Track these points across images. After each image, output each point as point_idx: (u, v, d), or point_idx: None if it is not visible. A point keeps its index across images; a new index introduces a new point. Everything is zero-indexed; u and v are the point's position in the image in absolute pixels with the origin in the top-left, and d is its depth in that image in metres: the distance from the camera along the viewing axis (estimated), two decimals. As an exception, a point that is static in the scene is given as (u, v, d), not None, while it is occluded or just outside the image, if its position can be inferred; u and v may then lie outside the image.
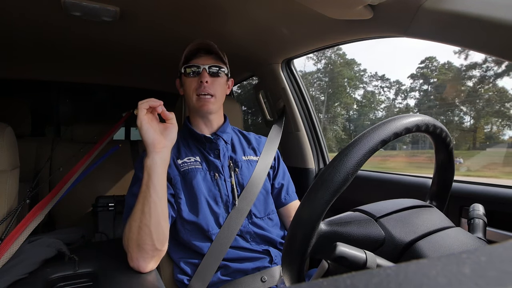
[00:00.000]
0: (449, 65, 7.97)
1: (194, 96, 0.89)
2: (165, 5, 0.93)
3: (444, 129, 0.51)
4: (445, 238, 0.45)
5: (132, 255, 0.72)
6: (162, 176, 0.73)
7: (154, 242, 0.71)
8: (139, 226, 0.70)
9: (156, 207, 0.71)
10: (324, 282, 0.13)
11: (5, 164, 0.85)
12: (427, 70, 8.54)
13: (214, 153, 0.92)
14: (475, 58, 7.92)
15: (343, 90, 9.94)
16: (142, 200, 0.71)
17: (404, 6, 0.71)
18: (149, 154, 0.72)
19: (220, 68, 0.91)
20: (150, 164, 0.71)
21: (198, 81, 0.89)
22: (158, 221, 0.72)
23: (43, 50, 1.34)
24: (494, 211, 0.76)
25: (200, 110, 0.90)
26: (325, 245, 0.43)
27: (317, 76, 12.13)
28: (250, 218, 0.89)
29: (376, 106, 10.51)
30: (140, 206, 0.71)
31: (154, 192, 0.71)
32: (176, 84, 0.99)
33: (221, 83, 0.92)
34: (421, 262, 0.14)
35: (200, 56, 0.90)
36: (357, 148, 0.41)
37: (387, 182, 1.11)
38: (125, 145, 1.78)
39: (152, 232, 0.71)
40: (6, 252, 0.73)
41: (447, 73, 8.90)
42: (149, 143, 0.72)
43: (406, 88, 9.25)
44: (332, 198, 0.41)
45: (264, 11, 0.94)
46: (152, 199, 0.71)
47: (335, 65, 9.80)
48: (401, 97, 9.63)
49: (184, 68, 0.90)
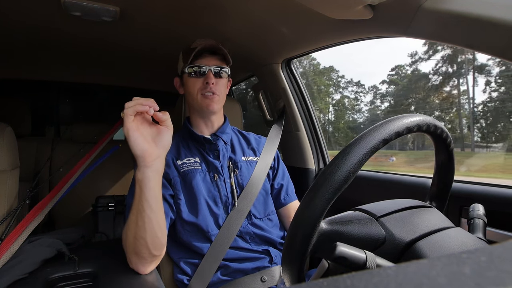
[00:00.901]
0: (413, 72, 8.47)
1: (199, 96, 0.89)
2: (165, 5, 0.93)
3: (445, 129, 0.51)
4: (445, 238, 0.45)
5: (131, 259, 0.72)
6: (155, 189, 0.67)
7: (151, 251, 0.69)
8: (134, 237, 0.68)
9: (151, 221, 0.67)
10: (324, 282, 0.13)
11: (5, 164, 0.85)
12: (397, 76, 8.98)
13: (214, 154, 0.92)
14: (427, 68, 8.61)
15: (317, 96, 10.23)
16: (135, 213, 0.67)
17: (404, 6, 0.71)
18: (139, 168, 0.65)
19: (223, 69, 0.91)
20: (141, 179, 0.64)
21: (203, 82, 0.88)
22: (153, 233, 0.68)
23: (43, 50, 1.34)
24: (494, 211, 0.76)
25: (205, 109, 0.89)
26: (325, 244, 0.43)
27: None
28: (250, 219, 0.89)
29: (347, 111, 10.84)
30: (134, 218, 0.67)
31: (148, 207, 0.66)
32: (175, 83, 0.98)
33: (224, 83, 0.93)
34: (421, 262, 0.14)
35: (205, 57, 0.89)
36: (358, 146, 0.41)
37: (387, 182, 1.11)
38: (125, 145, 1.77)
39: (148, 243, 0.68)
40: (6, 252, 0.73)
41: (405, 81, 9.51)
42: (138, 155, 0.63)
43: (380, 92, 9.72)
44: (333, 197, 0.41)
45: (264, 11, 0.94)
46: (146, 214, 0.66)
47: (309, 74, 10.11)
48: (374, 102, 10.02)
49: (188, 68, 0.89)
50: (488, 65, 5.77)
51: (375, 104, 9.89)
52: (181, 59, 0.94)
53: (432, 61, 7.68)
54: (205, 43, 0.88)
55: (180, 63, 0.94)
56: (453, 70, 7.32)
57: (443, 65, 7.51)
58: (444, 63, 7.54)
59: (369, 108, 10.07)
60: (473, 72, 6.20)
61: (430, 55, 7.30)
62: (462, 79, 7.49)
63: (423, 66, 8.42)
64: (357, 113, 10.15)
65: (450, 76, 7.37)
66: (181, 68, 0.93)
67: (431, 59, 7.67)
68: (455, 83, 7.40)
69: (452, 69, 7.30)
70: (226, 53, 0.89)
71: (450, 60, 7.27)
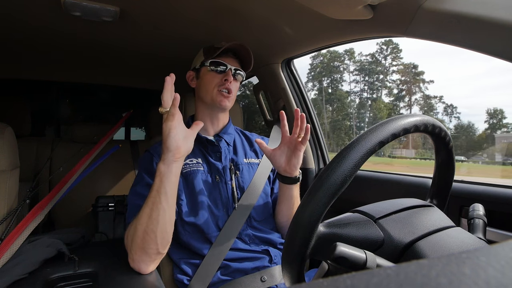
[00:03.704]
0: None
1: (215, 91, 0.90)
2: (165, 5, 0.93)
3: (443, 128, 0.51)
4: (445, 238, 0.45)
5: (134, 257, 0.72)
6: (175, 184, 0.71)
7: (158, 247, 0.71)
8: (144, 231, 0.69)
9: (165, 214, 0.70)
10: (324, 282, 0.13)
11: (5, 164, 0.85)
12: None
13: (216, 156, 0.92)
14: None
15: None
16: (150, 205, 0.69)
17: (404, 6, 0.71)
18: (165, 160, 0.69)
19: (241, 72, 0.95)
20: (164, 172, 0.69)
21: (222, 78, 0.91)
22: (164, 227, 0.70)
23: (43, 50, 1.34)
24: (494, 211, 0.76)
25: (218, 104, 0.91)
26: (324, 246, 0.43)
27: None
28: (250, 221, 0.89)
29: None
30: (148, 210, 0.69)
31: (165, 200, 0.69)
32: (188, 76, 0.99)
33: (237, 86, 0.97)
34: (421, 262, 0.14)
35: (229, 56, 0.94)
36: (354, 150, 0.41)
37: (387, 182, 1.11)
38: (125, 145, 1.78)
39: (158, 237, 0.69)
40: (6, 252, 0.73)
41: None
42: (171, 149, 0.69)
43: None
44: (330, 200, 0.41)
45: (264, 11, 0.94)
46: (161, 206, 0.69)
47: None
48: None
49: (210, 62, 0.91)
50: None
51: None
52: (201, 54, 0.96)
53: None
54: (234, 43, 0.91)
55: (200, 57, 0.96)
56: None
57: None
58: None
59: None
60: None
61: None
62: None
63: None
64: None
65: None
66: (201, 61, 0.94)
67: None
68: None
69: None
70: (251, 58, 0.94)
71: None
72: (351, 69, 33.99)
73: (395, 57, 32.31)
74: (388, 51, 32.13)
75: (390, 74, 32.53)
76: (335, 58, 33.69)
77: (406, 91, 32.89)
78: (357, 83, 32.70)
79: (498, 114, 28.34)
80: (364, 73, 32.76)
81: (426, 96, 32.15)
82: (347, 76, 32.45)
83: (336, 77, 33.13)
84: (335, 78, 32.93)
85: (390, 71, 32.62)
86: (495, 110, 27.49)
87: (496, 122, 26.71)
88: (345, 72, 32.95)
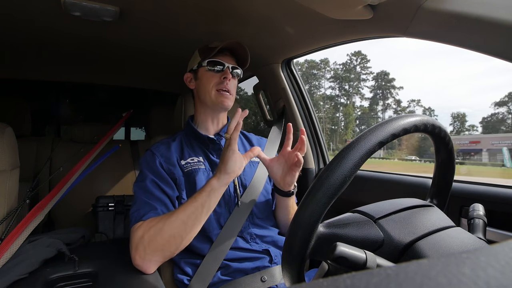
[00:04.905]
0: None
1: (213, 91, 0.91)
2: (165, 5, 0.93)
3: (443, 128, 0.51)
4: (445, 238, 0.45)
5: (146, 256, 0.72)
6: (217, 201, 0.76)
7: (177, 250, 0.73)
8: (172, 235, 0.71)
9: (200, 225, 0.74)
10: (324, 282, 0.13)
11: (5, 164, 0.85)
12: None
13: (217, 154, 0.93)
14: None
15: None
16: (189, 214, 0.72)
17: (404, 6, 0.71)
18: (220, 180, 0.74)
19: (238, 70, 0.95)
20: (216, 188, 0.74)
21: (220, 77, 0.91)
22: (192, 235, 0.74)
23: (43, 50, 1.34)
24: (494, 211, 0.76)
25: (220, 105, 0.91)
26: (324, 247, 0.43)
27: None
28: (252, 218, 0.89)
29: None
30: (185, 217, 0.72)
31: (206, 213, 0.74)
32: (186, 78, 0.99)
33: (236, 84, 0.97)
34: (421, 262, 0.14)
35: (226, 55, 0.94)
36: (354, 150, 0.41)
37: (387, 182, 1.11)
38: (125, 145, 1.78)
39: (183, 243, 0.73)
40: (6, 252, 0.73)
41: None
42: (229, 172, 0.73)
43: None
44: (330, 201, 0.41)
45: (264, 11, 0.94)
46: (201, 218, 0.73)
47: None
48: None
49: (207, 62, 0.92)
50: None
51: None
52: (197, 55, 0.96)
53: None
54: (230, 41, 0.91)
55: (197, 58, 0.96)
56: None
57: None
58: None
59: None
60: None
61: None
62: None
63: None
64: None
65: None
66: (198, 62, 0.94)
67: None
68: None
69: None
70: (247, 55, 0.94)
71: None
72: (328, 76, 36.13)
73: (364, 66, 35.20)
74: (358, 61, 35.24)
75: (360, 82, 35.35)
76: (313, 67, 36.06)
77: (380, 96, 35.22)
78: (333, 89, 35.23)
79: (461, 118, 32.58)
80: (339, 80, 35.21)
81: (397, 101, 34.70)
82: (325, 83, 34.83)
83: (314, 83, 35.16)
84: (313, 84, 34.94)
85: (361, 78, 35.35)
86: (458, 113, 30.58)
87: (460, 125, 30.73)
88: (322, 79, 35.22)
